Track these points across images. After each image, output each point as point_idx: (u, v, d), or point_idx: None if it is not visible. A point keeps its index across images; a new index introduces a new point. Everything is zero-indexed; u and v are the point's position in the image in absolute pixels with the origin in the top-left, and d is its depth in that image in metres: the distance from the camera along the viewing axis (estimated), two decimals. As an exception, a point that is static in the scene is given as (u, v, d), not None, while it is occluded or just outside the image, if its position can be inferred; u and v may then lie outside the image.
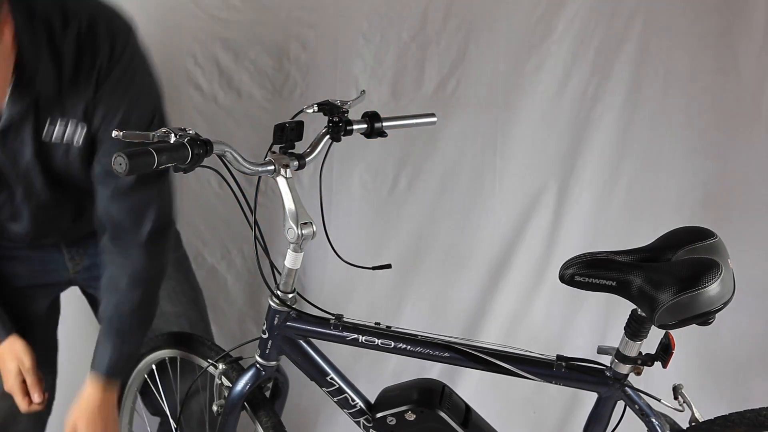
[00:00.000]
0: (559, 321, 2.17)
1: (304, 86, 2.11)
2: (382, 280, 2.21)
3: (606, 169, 2.10)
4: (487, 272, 2.18)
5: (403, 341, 1.39)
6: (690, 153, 2.07)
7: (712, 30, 1.99)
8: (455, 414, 1.42)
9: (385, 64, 2.09)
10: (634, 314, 1.27)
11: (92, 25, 1.37)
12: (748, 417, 1.23)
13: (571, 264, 1.27)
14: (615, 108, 2.06)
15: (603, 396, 1.34)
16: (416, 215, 2.18)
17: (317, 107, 1.41)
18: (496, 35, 2.06)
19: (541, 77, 2.07)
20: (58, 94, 1.38)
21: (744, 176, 2.05)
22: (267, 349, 1.48)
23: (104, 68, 1.38)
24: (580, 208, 2.12)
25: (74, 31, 1.36)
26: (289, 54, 2.09)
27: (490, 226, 2.16)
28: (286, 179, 1.33)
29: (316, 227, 1.35)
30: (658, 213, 2.09)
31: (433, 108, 1.70)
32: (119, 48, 1.39)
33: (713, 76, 2.01)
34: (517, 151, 2.11)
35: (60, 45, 1.35)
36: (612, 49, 2.04)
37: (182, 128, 1.18)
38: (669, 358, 1.26)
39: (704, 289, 1.16)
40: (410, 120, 1.54)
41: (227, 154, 1.25)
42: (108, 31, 1.38)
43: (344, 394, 1.47)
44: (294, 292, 1.44)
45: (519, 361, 1.35)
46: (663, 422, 1.30)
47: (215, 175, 1.82)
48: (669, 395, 1.31)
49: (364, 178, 2.17)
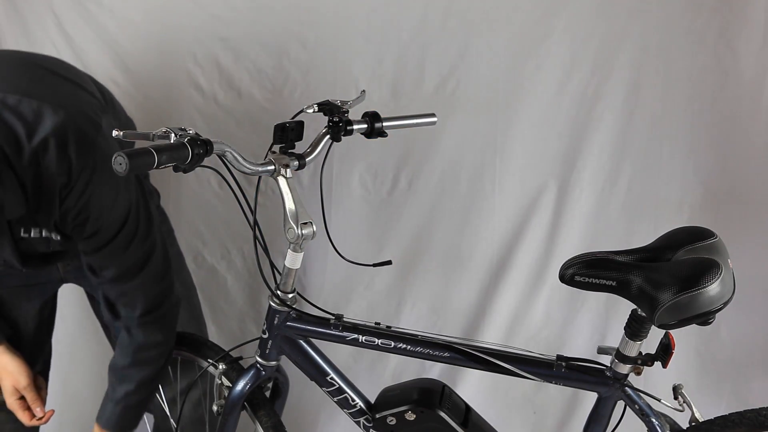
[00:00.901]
0: (559, 321, 2.17)
1: (304, 86, 2.11)
2: (382, 280, 2.21)
3: (606, 169, 2.10)
4: (487, 272, 2.18)
5: (403, 341, 1.39)
6: (690, 153, 2.07)
7: (712, 29, 1.99)
8: (455, 414, 1.43)
9: (385, 64, 2.09)
10: (634, 314, 1.27)
11: (46, 147, 1.28)
12: (748, 417, 1.23)
13: (571, 264, 1.27)
14: (615, 108, 2.06)
15: (603, 396, 1.34)
16: (416, 215, 2.18)
17: (317, 107, 1.41)
18: (496, 35, 2.06)
19: (541, 77, 2.06)
20: (27, 216, 1.35)
21: (744, 176, 2.05)
22: (267, 349, 1.48)
23: (65, 186, 1.32)
24: (580, 208, 2.12)
25: (29, 158, 1.28)
26: (289, 54, 2.09)
27: (490, 226, 2.16)
28: (286, 179, 1.33)
29: (316, 227, 1.35)
30: (658, 213, 2.09)
31: (433, 108, 1.70)
32: (78, 164, 1.31)
33: (713, 75, 2.01)
34: (517, 152, 2.11)
35: (20, 173, 1.29)
36: (612, 49, 2.03)
37: (182, 128, 1.18)
38: (669, 358, 1.26)
39: (704, 289, 1.16)
40: (410, 120, 1.55)
41: (227, 154, 1.25)
42: (62, 149, 1.29)
43: (344, 394, 1.47)
44: (294, 292, 1.44)
45: (519, 361, 1.35)
46: (663, 422, 1.31)
47: (215, 175, 1.83)
48: (669, 395, 1.31)
49: (364, 178, 2.17)
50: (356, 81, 2.11)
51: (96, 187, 1.34)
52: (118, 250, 1.43)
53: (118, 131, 1.17)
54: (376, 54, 2.09)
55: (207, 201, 2.17)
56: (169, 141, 1.15)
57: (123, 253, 1.44)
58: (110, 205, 1.38)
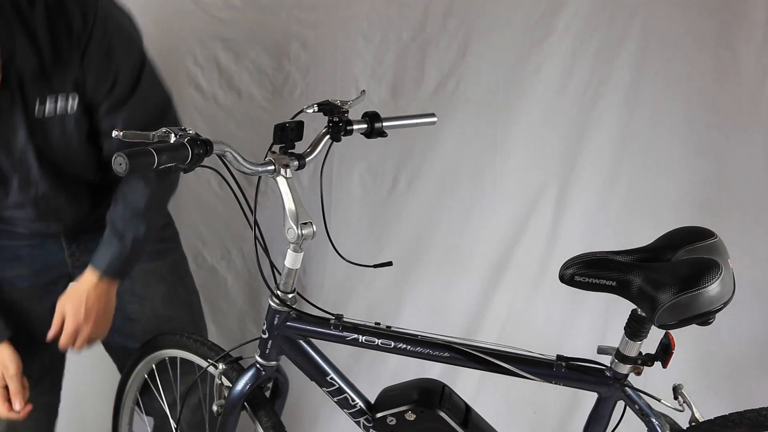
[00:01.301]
0: (559, 321, 2.17)
1: (304, 86, 2.11)
2: (381, 280, 2.21)
3: (606, 169, 2.10)
4: (487, 272, 2.18)
5: (403, 341, 1.39)
6: (689, 153, 2.07)
7: (712, 30, 1.99)
8: (455, 414, 1.42)
9: (385, 64, 2.09)
10: (634, 314, 1.27)
11: None
12: (748, 417, 1.23)
13: (571, 264, 1.27)
14: (615, 108, 2.06)
15: (603, 396, 1.34)
16: (416, 215, 2.18)
17: (317, 107, 1.41)
18: (496, 35, 2.06)
19: (541, 77, 2.06)
20: (41, 73, 1.37)
21: (744, 176, 2.05)
22: (267, 349, 1.48)
23: (82, 35, 1.36)
24: (580, 208, 2.12)
25: (42, 6, 1.34)
26: (289, 54, 2.09)
27: (490, 226, 2.16)
28: (286, 179, 1.33)
29: (315, 227, 1.35)
30: (658, 213, 2.09)
31: (433, 108, 1.70)
32: (91, 11, 1.37)
33: (713, 76, 2.01)
34: (517, 151, 2.11)
35: (31, 22, 1.33)
36: (612, 49, 2.03)
37: (182, 128, 1.18)
38: (669, 358, 1.26)
39: (704, 289, 1.16)
40: (410, 120, 1.54)
41: (227, 154, 1.24)
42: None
43: (344, 394, 1.47)
44: (294, 292, 1.44)
45: (519, 361, 1.35)
46: (663, 422, 1.30)
47: (215, 175, 1.82)
48: (669, 395, 1.31)
49: (364, 178, 2.17)
50: (356, 81, 2.11)
51: (112, 33, 1.40)
52: (139, 100, 1.49)
53: (118, 131, 1.17)
54: (376, 54, 2.09)
55: (207, 201, 2.17)
56: (169, 141, 1.15)
57: (143, 105, 1.50)
58: (128, 50, 1.44)
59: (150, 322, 1.73)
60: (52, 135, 1.45)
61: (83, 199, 1.61)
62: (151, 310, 1.74)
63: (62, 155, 1.49)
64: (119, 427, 1.86)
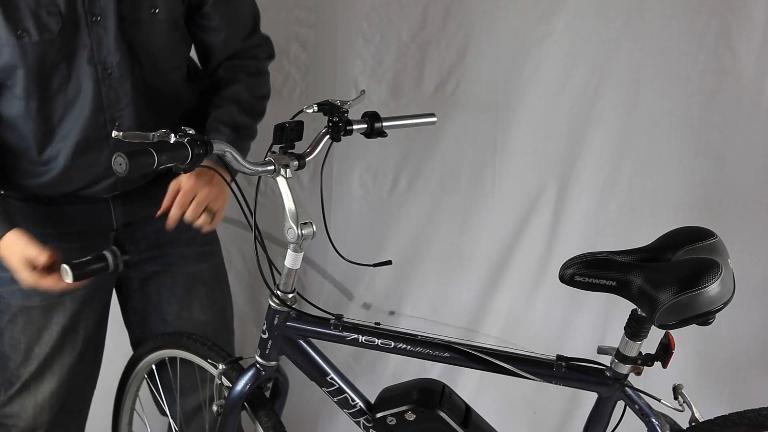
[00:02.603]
0: (559, 321, 2.17)
1: (304, 86, 2.11)
2: (382, 280, 2.21)
3: (606, 169, 2.10)
4: (486, 272, 2.18)
5: (403, 341, 1.39)
6: (689, 153, 2.07)
7: (712, 30, 1.98)
8: (455, 414, 1.43)
9: (385, 64, 2.09)
10: (634, 314, 1.27)
11: None
12: (748, 417, 1.23)
13: (571, 264, 1.27)
14: (615, 108, 2.06)
15: (603, 396, 1.34)
16: (416, 215, 2.18)
17: (317, 107, 1.41)
18: (496, 35, 2.06)
19: (541, 77, 2.06)
20: None
21: (744, 176, 2.05)
22: (267, 349, 1.48)
23: None
24: (580, 208, 2.12)
25: None
26: (289, 54, 2.09)
27: (490, 226, 2.16)
28: (286, 179, 1.33)
29: (315, 227, 1.35)
30: (658, 213, 2.09)
31: (433, 108, 1.70)
32: None
33: (713, 76, 2.01)
34: (517, 151, 2.11)
35: None
36: (612, 49, 2.03)
37: (182, 128, 1.18)
38: (669, 358, 1.26)
39: (704, 289, 1.16)
40: (410, 120, 1.54)
41: (227, 154, 1.25)
42: None
43: (344, 394, 1.47)
44: (294, 292, 1.44)
45: (519, 361, 1.35)
46: (663, 422, 1.31)
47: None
48: (669, 395, 1.31)
49: (364, 178, 2.17)
50: (356, 81, 2.11)
51: None
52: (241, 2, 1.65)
53: (118, 132, 1.17)
54: (376, 54, 2.09)
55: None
56: (169, 141, 1.15)
57: (245, 6, 1.67)
58: None
59: (184, 326, 1.73)
60: (144, 32, 1.49)
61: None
62: (188, 313, 1.73)
63: (140, 40, 1.50)
64: (119, 427, 1.86)
